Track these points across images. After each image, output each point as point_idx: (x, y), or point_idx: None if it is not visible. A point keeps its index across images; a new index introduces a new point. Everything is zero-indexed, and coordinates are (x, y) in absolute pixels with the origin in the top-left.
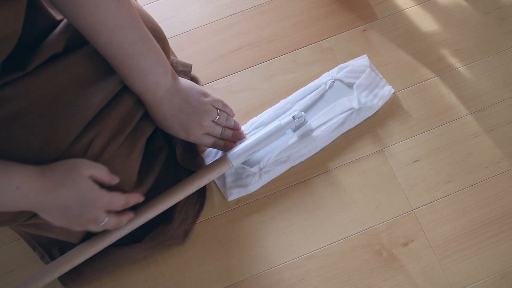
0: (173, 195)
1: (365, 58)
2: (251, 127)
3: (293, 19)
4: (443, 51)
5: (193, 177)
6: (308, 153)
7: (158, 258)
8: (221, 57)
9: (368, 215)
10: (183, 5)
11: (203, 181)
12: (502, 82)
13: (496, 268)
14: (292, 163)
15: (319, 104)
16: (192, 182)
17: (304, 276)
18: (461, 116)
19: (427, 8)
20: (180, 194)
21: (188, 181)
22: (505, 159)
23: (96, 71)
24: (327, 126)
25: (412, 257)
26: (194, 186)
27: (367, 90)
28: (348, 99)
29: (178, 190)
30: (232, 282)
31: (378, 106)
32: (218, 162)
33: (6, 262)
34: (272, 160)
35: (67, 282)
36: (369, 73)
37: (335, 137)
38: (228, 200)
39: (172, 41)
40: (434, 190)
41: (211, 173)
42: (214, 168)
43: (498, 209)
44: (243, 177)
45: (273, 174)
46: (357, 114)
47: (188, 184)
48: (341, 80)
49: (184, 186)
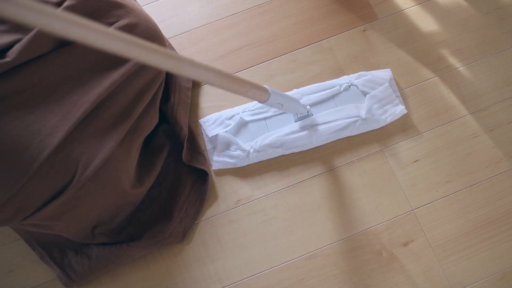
0: (231, 80)
1: (388, 72)
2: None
3: (293, 19)
4: (443, 51)
5: (237, 78)
6: (302, 146)
7: (158, 258)
8: (221, 57)
9: (368, 215)
10: (183, 5)
11: (243, 87)
12: (502, 82)
13: (496, 268)
14: (284, 151)
15: (328, 103)
16: (239, 82)
17: (304, 276)
18: (461, 116)
19: (427, 8)
20: (229, 84)
21: (236, 79)
22: (505, 159)
23: (89, 68)
24: (328, 126)
25: (412, 257)
26: (236, 87)
27: (379, 103)
28: (356, 106)
29: (235, 79)
30: (232, 282)
31: (385, 122)
32: (259, 86)
33: (6, 262)
34: (266, 142)
35: (67, 282)
36: (386, 88)
37: (333, 139)
38: (212, 168)
39: (172, 41)
40: (434, 190)
41: (251, 88)
42: (254, 85)
43: (498, 209)
44: (233, 150)
45: (262, 156)
46: (362, 124)
47: (235, 80)
48: (357, 86)
49: (234, 80)
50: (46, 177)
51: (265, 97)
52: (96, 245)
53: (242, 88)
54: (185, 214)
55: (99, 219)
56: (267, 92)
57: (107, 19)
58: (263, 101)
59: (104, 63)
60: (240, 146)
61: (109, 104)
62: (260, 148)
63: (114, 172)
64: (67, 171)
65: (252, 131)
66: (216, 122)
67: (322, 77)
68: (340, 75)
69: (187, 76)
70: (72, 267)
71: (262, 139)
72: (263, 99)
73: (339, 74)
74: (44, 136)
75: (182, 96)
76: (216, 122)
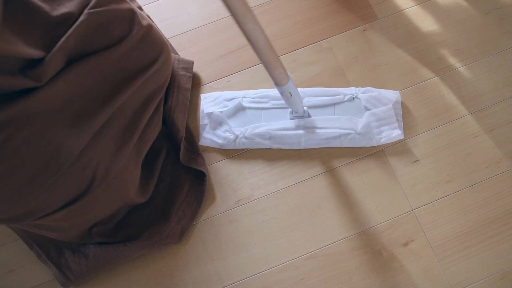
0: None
1: (397, 94)
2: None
3: (293, 19)
4: (443, 51)
5: (275, 52)
6: (290, 144)
7: (158, 258)
8: (222, 57)
9: (368, 215)
10: (183, 5)
11: (276, 62)
12: (502, 82)
13: (496, 268)
14: (271, 144)
15: (327, 109)
16: (276, 56)
17: (304, 276)
18: (461, 116)
19: (427, 8)
20: (269, 53)
21: (275, 53)
22: (505, 159)
23: (101, 81)
24: (320, 132)
25: (412, 257)
26: (272, 59)
27: (377, 122)
28: (353, 120)
29: (275, 52)
30: (232, 282)
31: (378, 142)
32: (285, 69)
33: (6, 262)
34: (256, 131)
35: (64, 281)
36: (388, 109)
37: (322, 146)
38: (199, 143)
39: (172, 41)
40: (434, 190)
41: (281, 67)
42: (283, 66)
43: (498, 209)
44: (223, 131)
45: (249, 144)
46: (354, 138)
47: (275, 53)
48: (361, 100)
49: (274, 52)
50: (64, 184)
51: (285, 81)
52: (94, 245)
53: (275, 63)
54: (183, 215)
55: (97, 219)
56: (287, 77)
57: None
58: (281, 84)
59: (114, 76)
60: (231, 129)
61: (118, 115)
62: (249, 135)
63: (124, 182)
64: (84, 180)
65: (247, 117)
66: (216, 100)
67: (322, 77)
68: (340, 75)
69: (241, 28)
70: (69, 266)
71: (253, 127)
72: (282, 82)
73: (339, 74)
74: (66, 147)
75: (181, 97)
76: (216, 100)
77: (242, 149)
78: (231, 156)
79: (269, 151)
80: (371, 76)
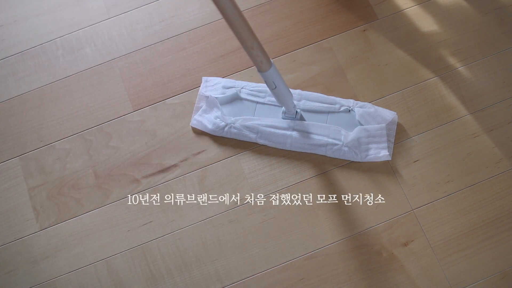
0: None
1: (393, 114)
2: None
3: (293, 19)
4: (443, 51)
5: (251, 29)
6: (276, 143)
7: (157, 258)
8: (221, 57)
9: (368, 215)
10: (183, 5)
11: (252, 42)
12: (502, 82)
13: (496, 268)
14: (258, 139)
15: (321, 116)
16: (251, 34)
17: (304, 276)
18: (461, 116)
19: (427, 8)
20: (241, 27)
21: (250, 28)
22: (505, 159)
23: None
24: (308, 137)
25: (412, 257)
26: (246, 35)
27: (366, 139)
28: (343, 131)
29: (249, 28)
30: (232, 282)
31: (363, 159)
32: (266, 53)
33: (6, 262)
34: (246, 124)
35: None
36: (381, 128)
37: (307, 151)
38: (190, 125)
39: (172, 41)
40: (434, 190)
41: (258, 49)
42: (261, 48)
43: (498, 209)
44: (214, 117)
45: (237, 135)
46: (340, 150)
47: (249, 28)
48: (356, 114)
49: (248, 27)
50: None
51: (266, 67)
52: None
53: (249, 41)
54: None
55: None
56: (269, 64)
57: None
58: (262, 70)
59: None
60: (223, 116)
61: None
62: (238, 126)
63: None
64: None
65: (241, 108)
66: (216, 85)
67: (322, 77)
68: (340, 75)
69: None
70: None
71: (243, 119)
72: (263, 68)
73: (339, 74)
74: None
75: None
76: (216, 85)
77: (242, 149)
78: (231, 156)
79: (269, 151)
80: (371, 76)
